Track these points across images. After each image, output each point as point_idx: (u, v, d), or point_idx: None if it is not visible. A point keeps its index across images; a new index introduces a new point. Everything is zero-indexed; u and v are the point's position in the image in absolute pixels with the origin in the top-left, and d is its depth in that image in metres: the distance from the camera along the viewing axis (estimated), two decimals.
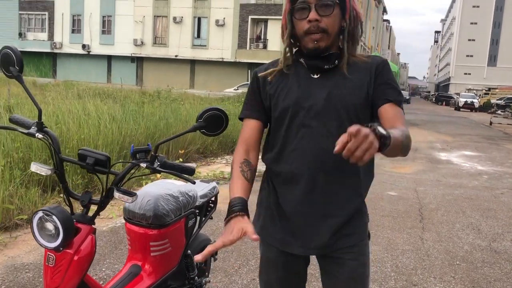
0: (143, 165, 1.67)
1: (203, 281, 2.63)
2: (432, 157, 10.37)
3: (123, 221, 2.20)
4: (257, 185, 1.67)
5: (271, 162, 1.61)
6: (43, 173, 1.69)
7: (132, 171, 1.74)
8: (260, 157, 1.68)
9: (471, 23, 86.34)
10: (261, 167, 1.63)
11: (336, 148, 1.08)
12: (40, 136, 1.70)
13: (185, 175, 1.71)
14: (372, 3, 53.03)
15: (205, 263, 2.74)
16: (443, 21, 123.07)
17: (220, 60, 35.95)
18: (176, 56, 37.22)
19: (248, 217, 1.37)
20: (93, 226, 1.74)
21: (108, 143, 6.03)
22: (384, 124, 1.48)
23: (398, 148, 1.31)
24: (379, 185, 6.79)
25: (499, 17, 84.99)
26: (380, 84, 1.51)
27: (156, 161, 1.70)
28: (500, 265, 3.88)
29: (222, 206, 5.09)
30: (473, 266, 3.82)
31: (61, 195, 4.91)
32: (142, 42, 37.87)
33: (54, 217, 1.58)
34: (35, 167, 1.70)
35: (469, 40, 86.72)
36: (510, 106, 32.18)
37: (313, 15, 1.44)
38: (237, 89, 27.54)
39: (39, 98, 9.27)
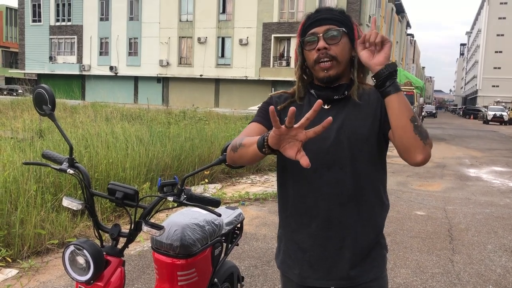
0: (170, 198, 1.71)
1: None
2: (461, 173, 10.16)
3: (151, 244, 2.23)
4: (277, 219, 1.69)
5: (286, 196, 1.62)
6: (74, 208, 1.75)
7: (160, 204, 1.78)
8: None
9: (498, 35, 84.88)
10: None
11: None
12: (71, 172, 1.76)
13: (210, 208, 1.74)
14: (395, 17, 52.83)
15: None
16: (468, 33, 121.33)
17: (244, 78, 36.29)
18: (201, 75, 37.76)
19: None
20: (122, 258, 1.78)
21: (136, 165, 6.14)
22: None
23: (407, 109, 1.38)
24: (406, 204, 6.69)
25: None
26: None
27: (183, 194, 1.74)
28: None
29: (248, 228, 5.09)
30: None
31: (91, 218, 5.00)
32: (167, 63, 38.60)
33: (85, 251, 1.62)
34: (66, 202, 1.76)
35: (496, 52, 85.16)
36: None
37: (321, 43, 1.49)
38: None
39: (68, 121, 9.53)
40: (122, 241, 1.82)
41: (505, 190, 8.29)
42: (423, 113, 25.56)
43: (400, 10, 54.77)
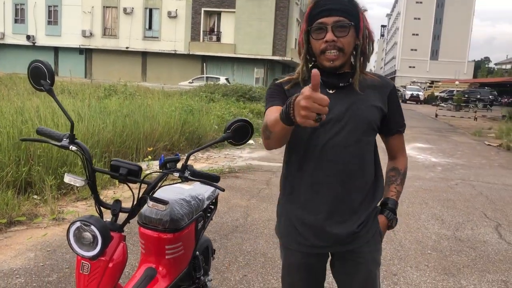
0: (176, 174, 1.75)
1: (207, 280, 2.73)
2: None
3: (137, 219, 2.23)
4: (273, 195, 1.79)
5: (291, 174, 1.73)
6: (77, 184, 1.73)
7: (163, 179, 1.81)
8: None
9: (415, 18, 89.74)
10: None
11: None
12: (74, 148, 1.74)
13: (214, 183, 1.81)
14: None
15: (206, 262, 2.84)
16: (388, 15, 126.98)
17: (173, 52, 35.49)
18: (127, 48, 36.39)
19: None
20: (123, 233, 1.80)
21: None
22: (390, 151, 1.87)
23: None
24: None
25: (440, 13, 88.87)
26: (393, 112, 1.74)
27: (187, 170, 1.78)
28: (466, 253, 4.21)
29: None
30: (442, 255, 4.13)
31: (35, 196, 4.82)
32: (91, 34, 36.71)
33: (92, 227, 1.63)
34: (68, 179, 1.74)
35: (413, 34, 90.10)
36: (452, 99, 33.86)
37: (330, 36, 1.55)
38: (192, 82, 27.34)
39: None
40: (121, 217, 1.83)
41: (429, 165, 9.00)
42: None
43: None
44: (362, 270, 1.73)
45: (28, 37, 37.58)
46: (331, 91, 1.65)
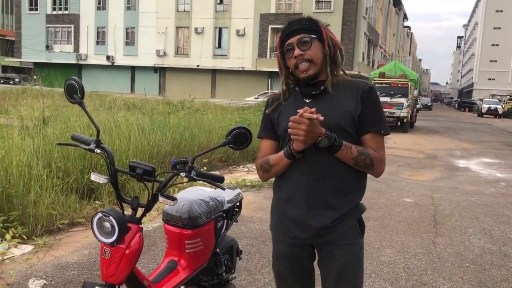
0: (183, 174, 2.02)
1: (230, 277, 2.96)
2: (450, 164, 10.51)
3: (154, 225, 2.54)
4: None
5: (280, 175, 1.96)
6: (101, 181, 2.05)
7: (173, 179, 2.09)
8: None
9: (495, 28, 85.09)
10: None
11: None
12: (98, 151, 2.06)
13: (217, 183, 2.05)
14: (392, 10, 52.93)
15: (231, 261, 3.07)
16: (465, 26, 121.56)
17: (241, 69, 36.50)
18: (197, 66, 37.94)
19: None
20: (140, 225, 2.09)
21: (138, 153, 6.43)
22: None
23: (349, 156, 1.79)
24: (395, 192, 7.02)
25: None
26: (365, 113, 1.86)
27: (193, 171, 2.04)
28: (508, 267, 4.10)
29: (244, 212, 5.40)
30: (481, 268, 4.05)
31: (96, 201, 5.31)
32: (164, 53, 38.75)
33: (111, 217, 1.92)
34: (94, 177, 2.06)
35: (493, 45, 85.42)
36: None
37: (297, 51, 1.85)
38: (258, 98, 27.94)
39: (71, 110, 9.79)
40: (139, 211, 2.12)
41: (492, 180, 8.64)
42: (417, 105, 25.88)
43: (397, 3, 54.88)
44: (338, 261, 1.91)
45: (108, 58, 40.40)
46: (307, 100, 1.90)
